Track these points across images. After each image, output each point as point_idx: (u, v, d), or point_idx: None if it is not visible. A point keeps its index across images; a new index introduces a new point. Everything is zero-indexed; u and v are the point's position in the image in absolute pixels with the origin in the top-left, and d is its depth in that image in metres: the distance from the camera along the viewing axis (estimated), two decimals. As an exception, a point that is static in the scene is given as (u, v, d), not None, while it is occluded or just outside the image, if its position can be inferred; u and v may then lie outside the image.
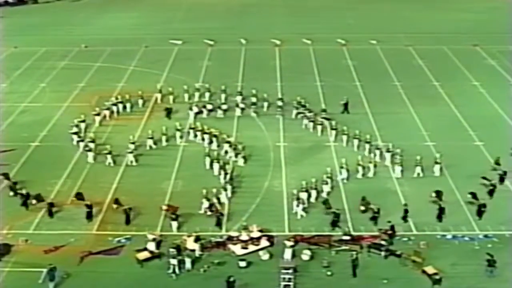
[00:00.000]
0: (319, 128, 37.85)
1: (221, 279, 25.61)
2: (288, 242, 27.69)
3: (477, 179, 32.42)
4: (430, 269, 26.39)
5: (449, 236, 28.66)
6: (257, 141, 37.04)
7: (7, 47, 54.45)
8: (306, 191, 31.04)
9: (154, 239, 27.95)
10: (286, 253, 27.04)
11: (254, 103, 40.97)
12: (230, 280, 25.33)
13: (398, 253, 27.48)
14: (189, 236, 28.27)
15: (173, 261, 26.56)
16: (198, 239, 28.04)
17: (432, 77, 46.82)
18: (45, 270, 26.01)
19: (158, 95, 42.54)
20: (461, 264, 26.87)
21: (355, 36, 56.31)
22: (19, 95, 44.14)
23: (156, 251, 27.61)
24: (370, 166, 33.45)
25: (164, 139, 36.98)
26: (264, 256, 27.52)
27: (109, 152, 34.79)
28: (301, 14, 65.44)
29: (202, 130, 37.33)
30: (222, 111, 40.49)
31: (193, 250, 27.62)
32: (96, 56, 51.55)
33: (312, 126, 38.18)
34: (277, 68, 49.02)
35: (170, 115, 40.14)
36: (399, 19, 63.05)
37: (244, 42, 54.80)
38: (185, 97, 42.39)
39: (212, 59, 51.15)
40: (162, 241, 28.21)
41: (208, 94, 42.37)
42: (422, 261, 26.94)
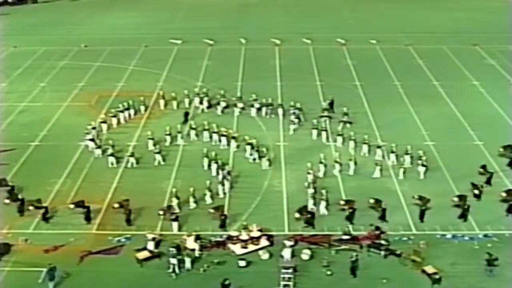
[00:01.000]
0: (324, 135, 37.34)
1: (221, 279, 25.63)
2: (288, 242, 27.71)
3: (477, 178, 32.54)
4: (430, 269, 26.40)
5: (449, 236, 28.67)
6: (257, 141, 37.02)
7: (7, 47, 54.47)
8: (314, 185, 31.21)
9: (154, 239, 27.97)
10: (286, 253, 27.05)
11: (259, 109, 40.48)
12: (226, 283, 25.33)
13: (398, 253, 27.49)
14: (189, 236, 28.29)
15: (173, 261, 26.58)
16: (198, 239, 28.06)
17: (432, 77, 46.85)
18: (45, 270, 26.04)
19: (161, 101, 41.75)
20: (461, 264, 26.88)
21: (355, 36, 56.31)
22: (19, 95, 44.16)
23: (156, 251, 27.63)
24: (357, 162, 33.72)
25: (169, 140, 36.99)
26: (264, 256, 27.54)
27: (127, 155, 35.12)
28: (301, 14, 65.47)
29: (219, 132, 37.09)
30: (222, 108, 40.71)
31: (193, 250, 27.64)
32: (96, 56, 51.57)
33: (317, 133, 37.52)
34: (277, 68, 49.05)
35: (188, 118, 39.60)
36: (399, 19, 63.08)
37: (244, 42, 54.80)
38: (186, 102, 41.92)
39: (212, 59, 51.15)
40: (162, 241, 28.23)
41: (207, 99, 41.91)
42: (422, 261, 26.95)
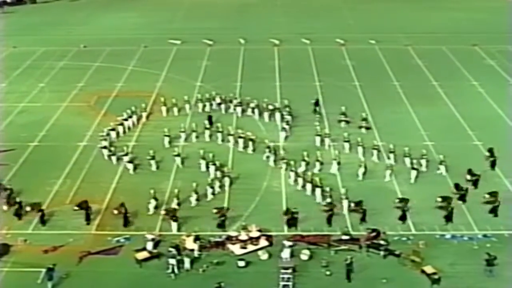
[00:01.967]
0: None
1: (220, 279, 25.65)
2: (287, 242, 27.72)
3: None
4: (429, 269, 26.41)
5: (448, 236, 28.69)
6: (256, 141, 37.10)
7: (6, 47, 54.45)
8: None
9: (153, 239, 27.97)
10: (285, 253, 27.06)
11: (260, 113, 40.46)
12: (220, 286, 25.34)
13: (397, 253, 27.50)
14: (188, 236, 28.28)
15: (172, 261, 26.57)
16: (197, 239, 28.06)
17: (431, 77, 46.85)
18: (44, 270, 26.05)
19: (163, 108, 41.05)
20: (460, 264, 26.88)
21: (354, 36, 56.31)
22: (18, 95, 44.15)
23: (155, 251, 27.63)
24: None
25: (167, 141, 37.04)
26: (263, 256, 27.54)
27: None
28: (300, 14, 65.47)
29: (235, 134, 36.96)
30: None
31: (192, 250, 27.63)
32: (95, 56, 51.57)
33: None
34: (276, 68, 49.05)
35: (212, 122, 39.14)
36: (398, 19, 63.09)
37: (243, 42, 54.82)
38: (187, 108, 41.55)
39: (211, 59, 51.16)
40: (161, 241, 28.24)
41: (208, 104, 41.81)
42: (421, 261, 26.95)
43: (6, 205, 30.91)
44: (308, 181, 32.08)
